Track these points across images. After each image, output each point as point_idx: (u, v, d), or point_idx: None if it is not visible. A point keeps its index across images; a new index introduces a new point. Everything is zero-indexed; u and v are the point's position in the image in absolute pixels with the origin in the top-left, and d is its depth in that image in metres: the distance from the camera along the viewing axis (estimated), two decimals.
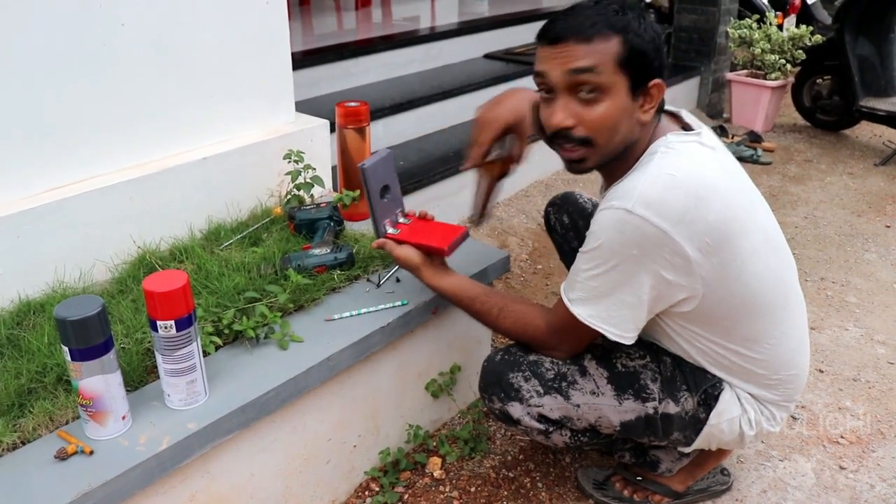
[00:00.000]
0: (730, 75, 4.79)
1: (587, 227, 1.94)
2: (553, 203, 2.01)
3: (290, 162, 2.03)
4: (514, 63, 4.01)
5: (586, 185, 3.62)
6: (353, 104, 2.06)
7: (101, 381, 1.26)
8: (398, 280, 1.81)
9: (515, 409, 1.50)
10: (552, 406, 1.49)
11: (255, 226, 2.01)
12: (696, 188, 1.33)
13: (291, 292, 1.66)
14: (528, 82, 1.50)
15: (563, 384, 1.49)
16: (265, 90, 2.17)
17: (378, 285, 1.79)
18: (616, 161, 1.44)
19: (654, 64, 1.36)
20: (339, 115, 2.06)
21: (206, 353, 1.48)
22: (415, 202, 2.89)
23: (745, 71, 4.77)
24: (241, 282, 1.70)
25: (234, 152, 2.06)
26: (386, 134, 3.20)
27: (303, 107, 2.42)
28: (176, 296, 1.29)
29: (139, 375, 1.46)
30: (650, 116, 1.39)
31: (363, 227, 2.06)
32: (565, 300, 1.43)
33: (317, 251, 1.80)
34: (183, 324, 1.31)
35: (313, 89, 3.23)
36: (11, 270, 1.66)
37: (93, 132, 1.80)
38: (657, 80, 1.37)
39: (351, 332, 1.62)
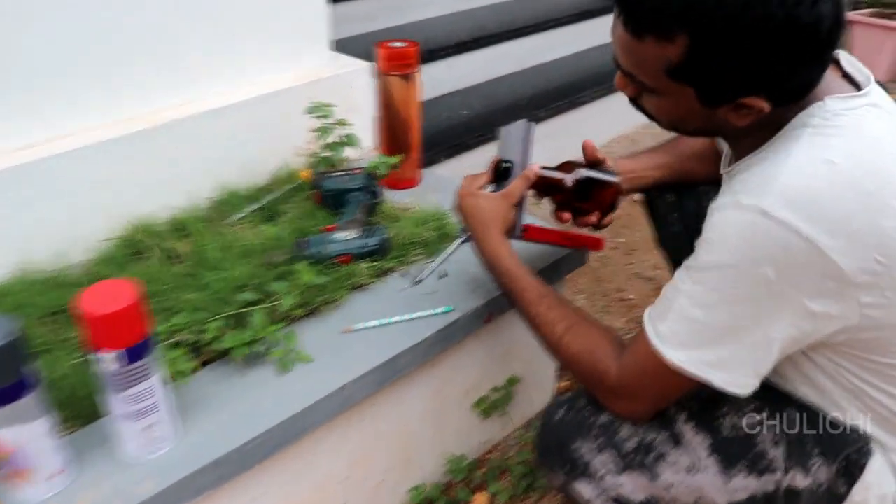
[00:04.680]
0: (852, 15, 4.13)
1: (700, 212, 1.50)
2: None
3: (317, 117, 1.63)
4: None
5: None
6: (398, 44, 1.64)
7: (17, 433, 0.92)
8: (442, 276, 1.42)
9: (585, 490, 1.10)
10: (633, 486, 1.08)
11: (273, 195, 1.64)
12: (866, 181, 0.90)
13: (301, 293, 1.29)
14: None
15: (649, 458, 1.08)
16: (292, 23, 1.77)
17: (416, 282, 1.40)
18: (733, 137, 1.08)
19: (758, 74, 0.91)
20: (380, 58, 1.64)
21: (179, 377, 1.13)
22: (481, 158, 2.47)
23: (870, 10, 4.11)
24: (242, 274, 1.34)
25: (252, 102, 1.68)
26: (450, 77, 2.77)
27: (350, 45, 2.02)
28: (123, 318, 0.93)
29: (94, 403, 1.13)
30: (747, 121, 0.97)
31: (408, 198, 1.66)
32: (651, 335, 1.02)
33: (341, 235, 1.42)
34: (135, 354, 0.96)
35: (367, 24, 2.81)
36: None
37: (71, 77, 1.44)
38: (755, 100, 0.93)
39: (375, 349, 1.24)
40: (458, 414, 1.51)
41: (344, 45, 1.95)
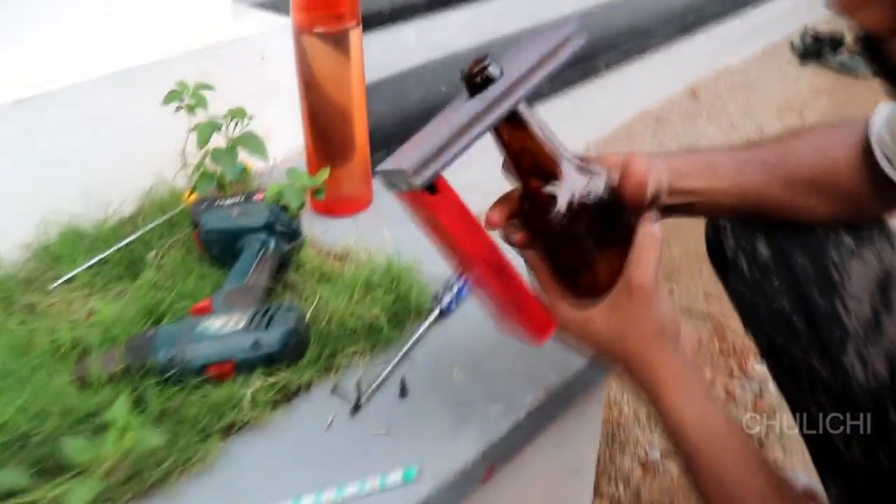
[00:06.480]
0: None
1: (826, 273, 0.85)
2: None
3: (179, 106, 0.99)
4: None
5: (735, 122, 2.49)
6: None
7: None
8: (404, 393, 0.79)
9: None
10: None
11: (131, 238, 1.00)
12: None
13: (120, 462, 0.66)
14: None
15: None
16: None
17: (355, 406, 0.77)
18: None
19: None
20: (294, 8, 1.00)
21: None
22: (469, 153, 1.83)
23: None
24: (23, 412, 0.71)
25: (105, 84, 1.06)
26: (422, 43, 2.12)
27: None
28: None
29: None
30: None
31: (351, 232, 1.02)
32: None
33: (215, 324, 0.79)
34: None
35: None
36: None
37: None
38: None
39: None
40: None
41: None
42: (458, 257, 0.64)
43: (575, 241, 0.64)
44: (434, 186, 0.58)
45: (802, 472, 1.25)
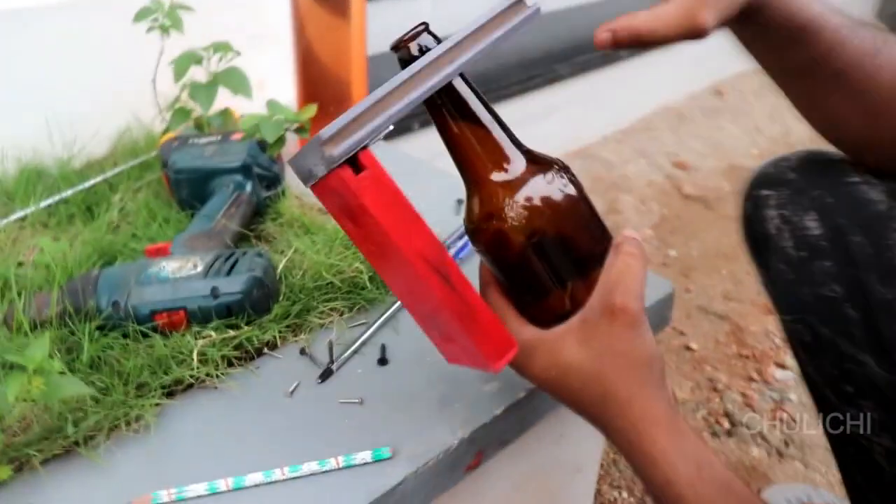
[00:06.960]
0: None
1: (888, 255, 0.73)
2: (769, 180, 0.80)
3: (150, 26, 0.87)
4: None
5: (761, 125, 2.38)
6: None
7: None
8: (384, 360, 0.68)
9: None
10: None
11: (95, 179, 0.90)
12: None
13: (44, 411, 0.55)
14: None
15: None
16: None
17: (325, 372, 0.66)
18: None
19: None
20: None
21: None
22: None
23: None
24: None
25: (79, 7, 0.95)
26: (436, 17, 2.00)
27: None
28: None
29: None
30: None
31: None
32: None
33: (169, 266, 0.68)
34: None
35: None
36: None
37: None
38: None
39: None
40: None
41: None
42: (392, 258, 0.50)
43: (528, 251, 0.52)
44: (358, 162, 0.47)
45: (826, 488, 1.13)
